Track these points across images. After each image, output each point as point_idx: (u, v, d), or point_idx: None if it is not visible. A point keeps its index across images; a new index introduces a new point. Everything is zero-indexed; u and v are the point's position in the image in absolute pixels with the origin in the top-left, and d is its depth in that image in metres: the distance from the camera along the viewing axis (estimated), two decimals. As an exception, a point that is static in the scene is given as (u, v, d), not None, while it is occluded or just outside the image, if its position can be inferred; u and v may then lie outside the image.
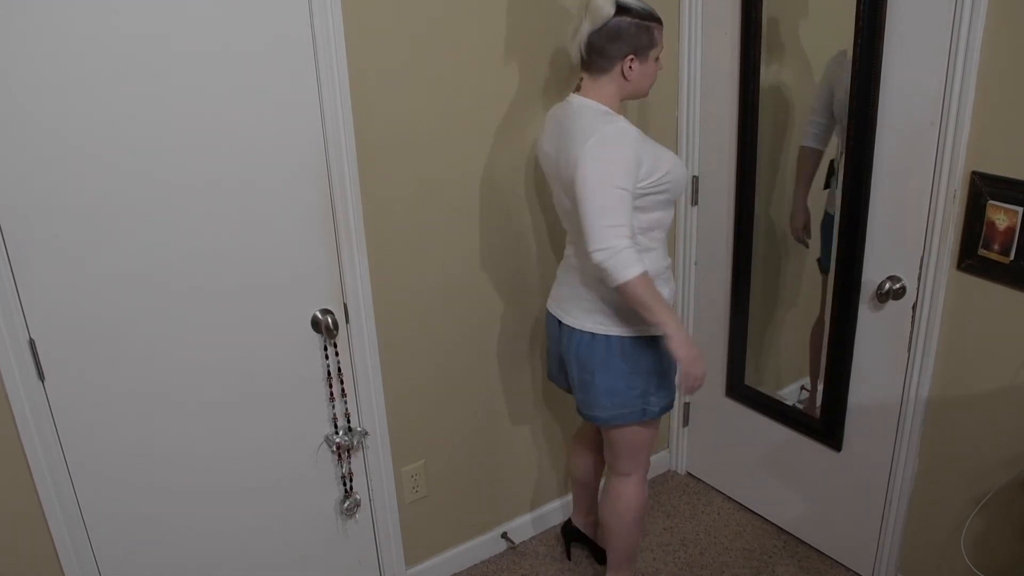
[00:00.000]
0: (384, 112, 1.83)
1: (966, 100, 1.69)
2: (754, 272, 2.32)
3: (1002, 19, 1.61)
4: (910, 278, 1.90)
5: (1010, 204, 1.67)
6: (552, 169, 1.76)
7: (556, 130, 1.74)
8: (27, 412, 1.58)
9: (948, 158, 1.75)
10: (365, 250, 1.89)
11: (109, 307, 1.63)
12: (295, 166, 1.75)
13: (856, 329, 2.04)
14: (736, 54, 2.15)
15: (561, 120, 1.73)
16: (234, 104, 1.64)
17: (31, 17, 1.41)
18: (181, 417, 1.77)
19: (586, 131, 1.62)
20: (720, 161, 2.28)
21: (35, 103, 1.45)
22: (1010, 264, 1.70)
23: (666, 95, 2.31)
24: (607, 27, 1.62)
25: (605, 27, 1.62)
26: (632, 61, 1.65)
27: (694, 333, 2.55)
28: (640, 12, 1.64)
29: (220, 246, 1.71)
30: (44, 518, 1.66)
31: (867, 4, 1.78)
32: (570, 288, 1.84)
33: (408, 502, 2.18)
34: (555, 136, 1.74)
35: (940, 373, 1.91)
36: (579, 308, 1.81)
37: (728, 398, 2.49)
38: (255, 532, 1.96)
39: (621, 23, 1.62)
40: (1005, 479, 1.82)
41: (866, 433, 2.11)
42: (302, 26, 1.67)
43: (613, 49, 1.64)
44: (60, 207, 1.52)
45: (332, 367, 1.93)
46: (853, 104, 1.87)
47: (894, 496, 2.07)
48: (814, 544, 2.37)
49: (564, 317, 1.85)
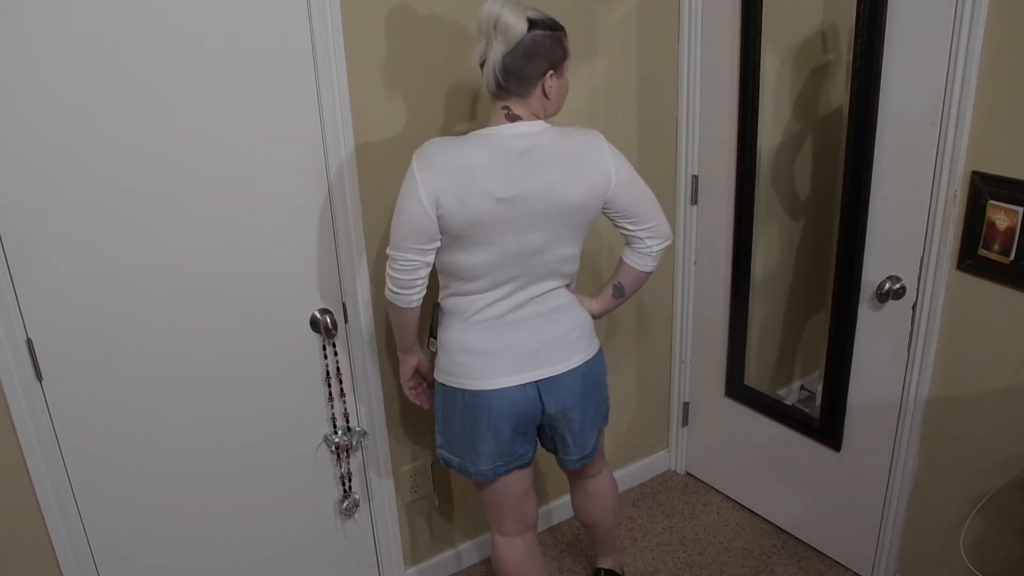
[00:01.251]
0: (383, 112, 1.82)
1: (966, 100, 1.69)
2: (753, 271, 2.32)
3: (1002, 20, 1.61)
4: (910, 278, 1.90)
5: (1010, 204, 1.67)
6: (532, 205, 1.54)
7: (536, 163, 1.53)
8: (25, 412, 1.57)
9: (948, 158, 1.74)
10: (364, 250, 1.88)
11: (107, 307, 1.62)
12: (294, 166, 1.75)
13: (856, 329, 2.04)
14: (736, 54, 2.14)
15: (537, 151, 1.54)
16: (233, 104, 1.64)
17: (30, 19, 1.41)
18: (178, 417, 1.77)
19: (589, 143, 1.59)
20: (720, 160, 2.28)
21: (33, 104, 1.45)
22: (1010, 264, 1.70)
23: (666, 94, 2.31)
24: (522, 45, 1.47)
25: (520, 46, 1.47)
26: (551, 77, 1.53)
27: (693, 333, 2.55)
28: (550, 23, 1.51)
29: (219, 246, 1.71)
30: (42, 517, 1.65)
31: (867, 5, 1.77)
32: (560, 328, 1.67)
33: (407, 502, 2.18)
34: (536, 168, 1.53)
35: (940, 373, 1.91)
36: (579, 342, 1.70)
37: (727, 398, 2.49)
38: (253, 532, 1.95)
39: (536, 38, 1.48)
40: (1004, 479, 1.82)
41: (866, 433, 2.10)
42: (301, 28, 1.66)
43: (531, 69, 1.50)
44: (58, 207, 1.52)
45: (331, 367, 1.93)
46: (853, 104, 1.86)
47: (893, 496, 2.07)
48: (813, 544, 2.37)
49: (572, 358, 1.68)
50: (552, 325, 1.67)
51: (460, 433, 1.70)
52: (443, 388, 1.70)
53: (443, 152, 1.53)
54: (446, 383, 1.68)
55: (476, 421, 1.66)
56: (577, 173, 1.56)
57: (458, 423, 1.69)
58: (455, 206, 1.50)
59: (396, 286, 1.60)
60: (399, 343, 1.76)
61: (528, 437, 1.74)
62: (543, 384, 1.67)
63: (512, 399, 1.65)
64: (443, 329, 1.68)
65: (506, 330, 1.64)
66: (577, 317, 1.71)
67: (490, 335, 1.63)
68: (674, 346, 2.60)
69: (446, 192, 1.50)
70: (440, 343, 1.69)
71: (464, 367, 1.64)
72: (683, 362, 2.60)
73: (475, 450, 1.69)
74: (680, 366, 2.61)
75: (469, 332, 1.64)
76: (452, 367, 1.66)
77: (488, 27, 1.48)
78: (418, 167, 1.52)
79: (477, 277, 1.60)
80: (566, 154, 1.56)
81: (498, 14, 1.46)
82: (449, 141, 1.55)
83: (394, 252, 1.56)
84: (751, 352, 2.41)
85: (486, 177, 1.51)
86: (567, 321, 1.69)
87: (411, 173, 1.53)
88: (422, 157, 1.53)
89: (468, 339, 1.64)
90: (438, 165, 1.51)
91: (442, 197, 1.50)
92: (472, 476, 1.73)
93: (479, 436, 1.67)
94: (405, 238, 1.54)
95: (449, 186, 1.50)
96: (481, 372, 1.63)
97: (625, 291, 1.80)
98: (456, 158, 1.51)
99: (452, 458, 1.75)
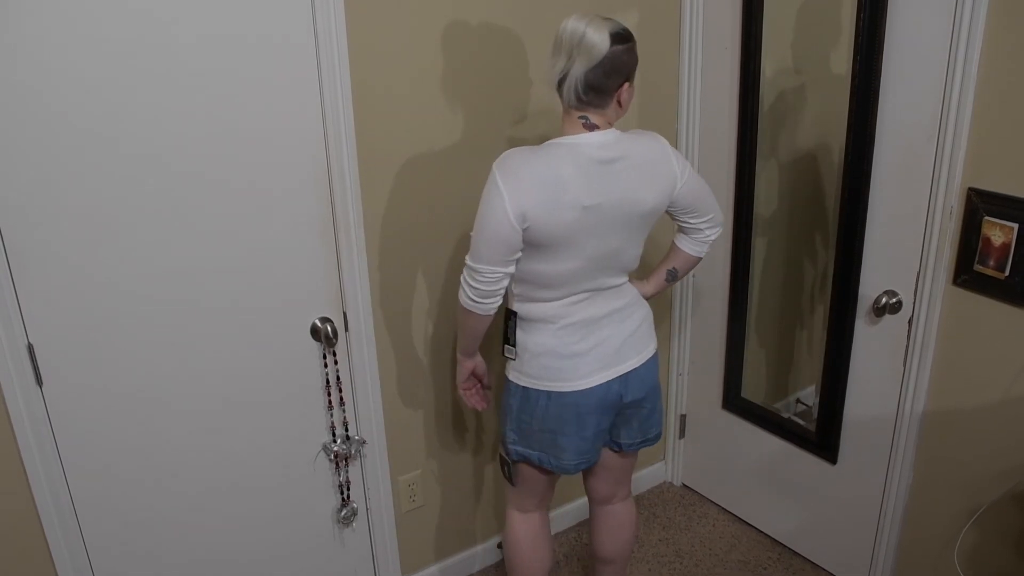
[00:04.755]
0: (386, 122, 1.83)
1: (963, 117, 1.71)
2: (752, 284, 2.34)
3: (999, 38, 1.64)
4: (906, 293, 1.92)
5: (1006, 220, 1.69)
6: (613, 212, 1.57)
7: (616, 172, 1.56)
8: (24, 417, 1.57)
9: (945, 174, 1.77)
10: (365, 259, 1.89)
11: (108, 313, 1.62)
12: (296, 174, 1.75)
13: (853, 342, 2.06)
14: (736, 69, 2.17)
15: (617, 161, 1.57)
16: (236, 111, 1.64)
17: (30, 21, 1.41)
18: (179, 424, 1.76)
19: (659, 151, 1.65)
20: (719, 174, 2.30)
21: (37, 109, 1.45)
22: (1005, 280, 1.72)
23: (666, 108, 2.33)
24: (604, 62, 1.49)
25: (602, 63, 1.49)
26: (627, 88, 1.56)
27: (691, 345, 2.56)
28: (626, 34, 1.52)
29: (220, 252, 1.71)
30: (40, 524, 1.64)
31: (866, 22, 1.80)
32: (633, 323, 1.74)
33: (405, 511, 2.18)
34: (617, 177, 1.56)
35: (935, 387, 1.92)
36: (648, 335, 1.79)
37: (724, 410, 2.50)
38: (251, 540, 1.95)
39: (616, 54, 1.49)
40: (999, 492, 1.83)
41: (861, 446, 2.12)
42: (305, 35, 1.67)
43: (611, 83, 1.52)
44: (61, 212, 1.52)
45: (331, 376, 1.93)
46: (852, 120, 1.89)
47: (889, 508, 2.08)
48: (809, 556, 2.37)
49: (645, 350, 1.77)
50: (627, 321, 1.73)
51: (540, 430, 1.73)
52: (522, 390, 1.72)
53: (528, 164, 1.52)
54: (529, 386, 1.70)
55: (563, 419, 1.70)
56: (651, 180, 1.62)
57: (538, 422, 1.72)
58: (543, 218, 1.51)
59: (478, 296, 1.60)
60: (465, 347, 1.79)
61: (606, 429, 1.79)
62: (622, 377, 1.73)
63: (600, 395, 1.70)
64: (525, 335, 1.69)
65: (591, 331, 1.68)
66: (643, 310, 1.78)
67: (577, 337, 1.67)
68: (672, 358, 2.61)
69: (534, 205, 1.50)
70: (524, 348, 1.70)
71: (554, 371, 1.67)
72: (680, 374, 2.61)
73: (558, 445, 1.73)
74: (678, 378, 2.62)
75: (559, 337, 1.66)
76: (538, 371, 1.69)
77: (571, 44, 1.49)
78: (503, 180, 1.50)
79: (560, 284, 1.63)
80: (641, 162, 1.60)
81: (583, 32, 1.48)
82: (532, 152, 1.55)
83: (478, 264, 1.56)
84: (748, 365, 2.42)
85: (573, 187, 1.52)
86: (637, 315, 1.75)
87: (495, 187, 1.51)
88: (506, 170, 1.52)
89: (558, 344, 1.67)
90: (525, 178, 1.51)
91: (530, 210, 1.50)
92: (554, 469, 1.78)
93: (564, 432, 1.71)
94: (490, 251, 1.55)
95: (537, 199, 1.50)
96: (572, 374, 1.68)
97: (678, 275, 1.88)
98: (543, 171, 1.52)
99: (530, 452, 1.77)
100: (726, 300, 2.39)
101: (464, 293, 1.62)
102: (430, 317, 2.06)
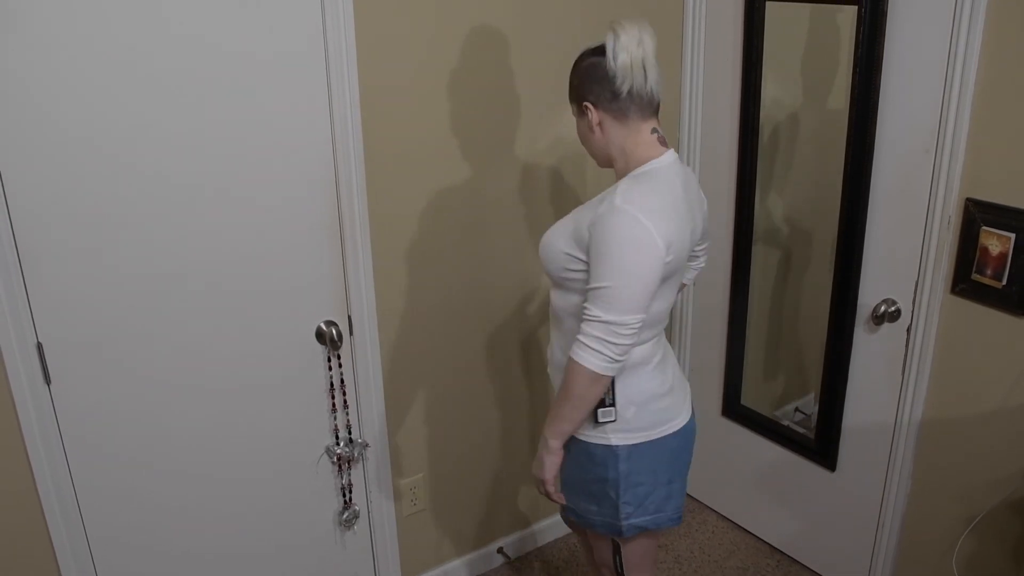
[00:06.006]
0: (393, 126, 1.86)
1: (961, 129, 1.74)
2: (751, 291, 2.36)
3: (996, 50, 1.67)
4: (905, 301, 1.94)
5: (1003, 230, 1.72)
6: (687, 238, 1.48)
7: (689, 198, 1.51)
8: (32, 415, 1.58)
9: (943, 185, 1.79)
10: (371, 263, 1.91)
11: (117, 313, 1.64)
12: (304, 178, 1.77)
13: (852, 351, 2.08)
14: (737, 81, 2.20)
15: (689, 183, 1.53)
16: (245, 115, 1.67)
17: (41, 24, 1.43)
18: (183, 424, 1.78)
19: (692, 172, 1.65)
20: (719, 188, 2.32)
21: (49, 112, 1.47)
22: (1002, 289, 1.74)
23: (668, 120, 2.35)
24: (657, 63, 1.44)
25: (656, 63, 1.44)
26: None
27: (691, 353, 2.58)
28: None
29: (227, 255, 1.73)
30: (44, 522, 1.65)
31: (866, 35, 1.83)
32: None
33: (406, 515, 2.19)
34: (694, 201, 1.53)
35: (933, 395, 1.94)
36: None
37: (724, 417, 2.51)
38: (253, 540, 1.96)
39: None
40: (996, 500, 1.85)
41: (860, 453, 2.13)
42: (315, 41, 1.70)
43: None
44: (72, 213, 1.54)
45: (335, 378, 1.94)
46: (851, 132, 1.92)
47: (887, 516, 2.10)
48: (807, 563, 2.38)
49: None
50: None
51: (653, 485, 1.54)
52: (630, 450, 1.51)
53: (656, 192, 1.41)
54: (641, 441, 1.51)
55: (679, 459, 1.58)
56: (700, 202, 1.60)
57: (650, 477, 1.54)
58: (678, 247, 1.42)
59: (621, 354, 1.38)
60: (575, 424, 1.49)
61: None
62: None
63: (695, 422, 1.62)
64: (622, 387, 1.49)
65: (669, 361, 1.60)
66: None
67: (667, 372, 1.57)
68: (671, 365, 2.62)
69: (675, 234, 1.39)
70: (628, 403, 1.50)
71: (662, 412, 1.53)
72: (680, 381, 2.63)
73: (669, 494, 1.57)
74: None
75: (654, 378, 1.53)
76: (649, 421, 1.52)
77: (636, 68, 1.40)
78: (643, 215, 1.35)
79: (661, 320, 1.53)
80: (692, 183, 1.58)
81: (642, 57, 1.40)
82: (646, 180, 1.43)
83: (625, 316, 1.36)
84: (748, 372, 2.44)
85: (685, 212, 1.45)
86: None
87: (637, 225, 1.35)
88: (638, 203, 1.37)
89: (656, 385, 1.53)
90: (661, 208, 1.39)
91: (673, 241, 1.39)
92: (665, 526, 1.58)
93: (678, 474, 1.59)
94: (644, 295, 1.36)
95: (676, 227, 1.40)
96: (678, 410, 1.57)
97: None
98: (669, 197, 1.42)
99: (646, 520, 1.56)
100: (726, 307, 2.41)
101: (601, 357, 1.38)
102: (434, 322, 2.08)
